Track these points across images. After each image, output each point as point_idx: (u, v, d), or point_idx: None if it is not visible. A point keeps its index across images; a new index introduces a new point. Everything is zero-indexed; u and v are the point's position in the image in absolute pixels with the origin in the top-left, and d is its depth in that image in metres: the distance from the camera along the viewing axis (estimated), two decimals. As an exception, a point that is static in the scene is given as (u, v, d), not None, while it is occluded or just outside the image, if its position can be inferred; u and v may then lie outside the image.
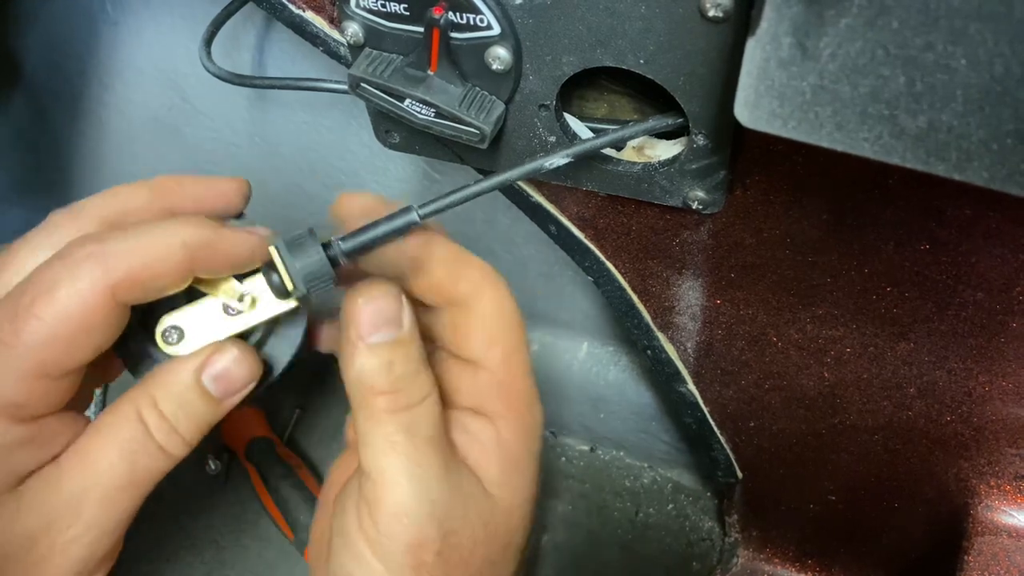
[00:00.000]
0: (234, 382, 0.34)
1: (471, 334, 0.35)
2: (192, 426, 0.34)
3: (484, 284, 0.35)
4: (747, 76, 0.25)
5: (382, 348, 0.33)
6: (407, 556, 0.32)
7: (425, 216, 0.33)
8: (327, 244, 0.33)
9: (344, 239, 0.33)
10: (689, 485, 0.71)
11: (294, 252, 0.32)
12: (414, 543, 0.32)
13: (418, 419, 0.33)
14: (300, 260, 0.32)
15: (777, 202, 0.38)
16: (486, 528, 0.35)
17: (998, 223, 0.34)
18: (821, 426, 0.48)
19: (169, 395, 0.33)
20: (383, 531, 0.33)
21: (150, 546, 0.68)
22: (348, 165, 0.63)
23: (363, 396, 0.33)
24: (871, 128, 0.24)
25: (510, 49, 0.34)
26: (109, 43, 0.64)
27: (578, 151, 0.35)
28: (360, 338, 0.32)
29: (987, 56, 0.21)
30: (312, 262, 0.32)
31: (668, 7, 0.30)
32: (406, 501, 0.32)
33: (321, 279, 0.33)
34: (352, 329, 0.33)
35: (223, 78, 0.47)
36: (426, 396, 0.34)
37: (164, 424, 0.33)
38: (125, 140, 0.71)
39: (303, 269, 0.32)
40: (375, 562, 0.33)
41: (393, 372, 0.33)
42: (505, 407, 0.36)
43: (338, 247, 0.33)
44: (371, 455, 0.33)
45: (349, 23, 0.36)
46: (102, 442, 0.33)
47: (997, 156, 0.23)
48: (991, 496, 0.46)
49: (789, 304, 0.42)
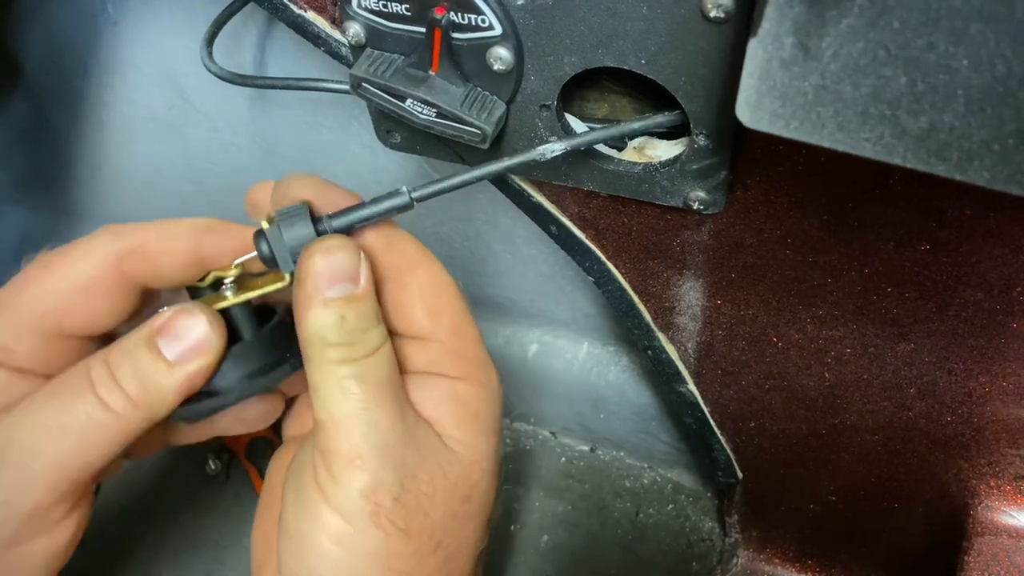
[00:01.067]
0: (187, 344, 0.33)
1: (414, 308, 0.36)
2: (136, 384, 0.33)
3: (418, 257, 0.36)
4: (749, 76, 0.25)
5: (337, 303, 0.33)
6: (363, 501, 0.32)
7: (417, 199, 0.34)
8: (318, 219, 0.33)
9: (334, 216, 0.34)
10: (689, 485, 0.71)
11: (285, 225, 0.33)
12: (369, 487, 0.32)
13: (370, 367, 0.33)
14: (290, 232, 0.33)
15: (778, 202, 0.38)
16: (446, 477, 0.34)
17: (999, 223, 0.34)
18: (821, 426, 0.48)
19: (120, 351, 0.33)
20: (337, 478, 0.32)
21: (150, 546, 0.68)
22: (349, 165, 0.63)
23: (317, 349, 0.33)
24: (872, 128, 0.24)
25: (511, 49, 0.34)
26: (110, 43, 0.64)
27: (576, 143, 0.35)
28: (317, 291, 0.32)
29: (988, 57, 0.21)
30: (301, 235, 0.33)
31: (669, 8, 0.30)
32: (359, 443, 0.32)
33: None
34: (309, 283, 0.32)
35: (224, 78, 0.47)
36: (378, 347, 0.33)
37: (107, 377, 0.33)
38: (125, 139, 0.71)
39: (291, 240, 0.33)
40: (331, 515, 0.32)
41: (346, 326, 0.32)
42: (461, 371, 0.36)
43: (328, 224, 0.33)
44: (323, 403, 0.33)
45: (350, 23, 0.36)
46: (47, 389, 0.33)
47: (998, 156, 0.23)
48: (991, 496, 0.46)
49: (790, 304, 0.43)
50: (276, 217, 0.33)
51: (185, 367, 0.33)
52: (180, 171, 0.71)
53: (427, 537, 0.33)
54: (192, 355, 0.33)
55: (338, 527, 0.32)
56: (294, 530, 0.33)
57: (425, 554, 0.33)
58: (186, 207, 0.73)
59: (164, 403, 0.33)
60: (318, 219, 0.33)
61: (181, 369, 0.33)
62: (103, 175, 0.75)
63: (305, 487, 0.33)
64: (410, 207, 0.34)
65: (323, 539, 0.32)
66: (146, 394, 0.33)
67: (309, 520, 0.32)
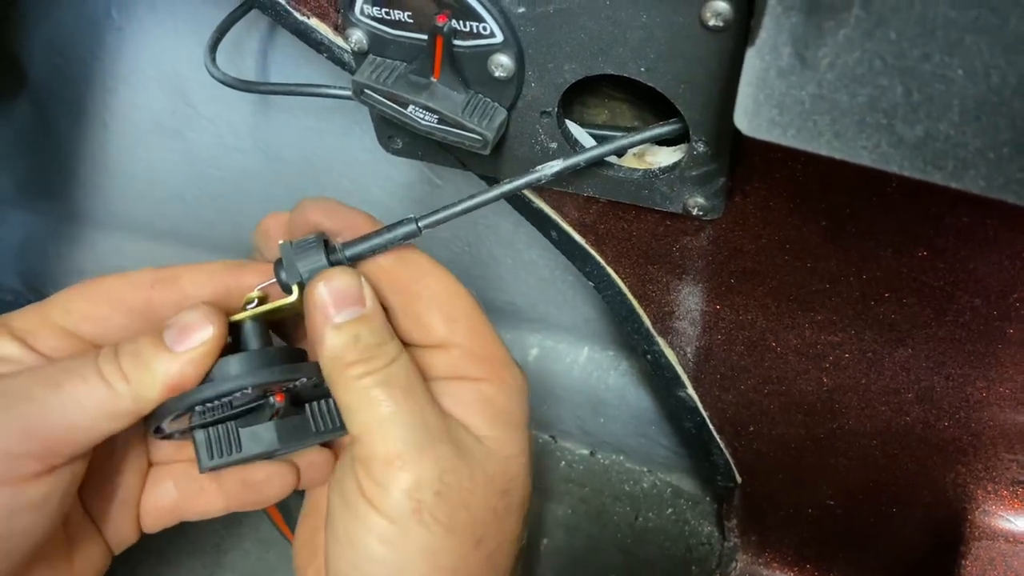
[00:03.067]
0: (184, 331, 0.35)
1: (430, 316, 0.37)
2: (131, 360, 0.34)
3: (427, 267, 0.37)
4: (747, 85, 0.25)
5: (348, 325, 0.34)
6: (406, 500, 0.33)
7: (425, 227, 0.36)
8: (332, 249, 0.36)
9: (347, 245, 0.36)
10: (688, 489, 0.71)
11: (299, 253, 0.35)
12: (411, 485, 0.33)
13: (391, 374, 0.34)
14: (304, 261, 0.35)
15: (776, 209, 0.38)
16: (484, 472, 0.35)
17: (995, 230, 0.35)
18: (820, 431, 0.48)
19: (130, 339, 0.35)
20: (380, 481, 0.33)
21: (151, 549, 0.68)
22: (351, 170, 0.63)
23: (338, 370, 0.34)
24: (869, 137, 0.24)
25: (513, 56, 0.34)
26: (114, 48, 0.64)
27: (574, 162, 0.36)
28: (327, 318, 0.34)
29: (983, 67, 0.22)
30: (315, 263, 0.35)
31: (669, 16, 0.31)
32: (396, 445, 0.33)
33: None
34: (318, 313, 0.34)
35: (227, 83, 0.48)
36: (396, 357, 0.35)
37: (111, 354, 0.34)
38: (129, 144, 0.71)
39: (306, 267, 0.35)
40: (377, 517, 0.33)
41: (361, 343, 0.34)
42: (483, 372, 0.37)
43: (342, 252, 0.36)
44: (355, 417, 0.34)
45: (353, 30, 0.36)
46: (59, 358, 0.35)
47: (994, 165, 0.23)
48: (988, 501, 0.46)
49: (788, 310, 0.43)
50: (293, 247, 0.36)
51: (178, 351, 0.34)
52: (183, 176, 0.71)
53: (469, 533, 0.34)
54: (186, 339, 0.35)
55: (384, 528, 0.33)
56: (343, 535, 0.34)
57: (468, 550, 0.34)
58: (189, 212, 0.74)
59: (154, 384, 0.34)
60: (332, 249, 0.36)
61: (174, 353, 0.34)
62: (106, 179, 0.75)
63: (349, 493, 0.34)
64: (417, 235, 0.36)
65: (371, 541, 0.33)
66: (137, 370, 0.34)
67: (356, 524, 0.34)
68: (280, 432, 0.38)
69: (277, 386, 0.36)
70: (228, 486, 0.41)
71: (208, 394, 0.35)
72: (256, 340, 0.37)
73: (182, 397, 0.35)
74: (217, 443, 0.38)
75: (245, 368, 0.36)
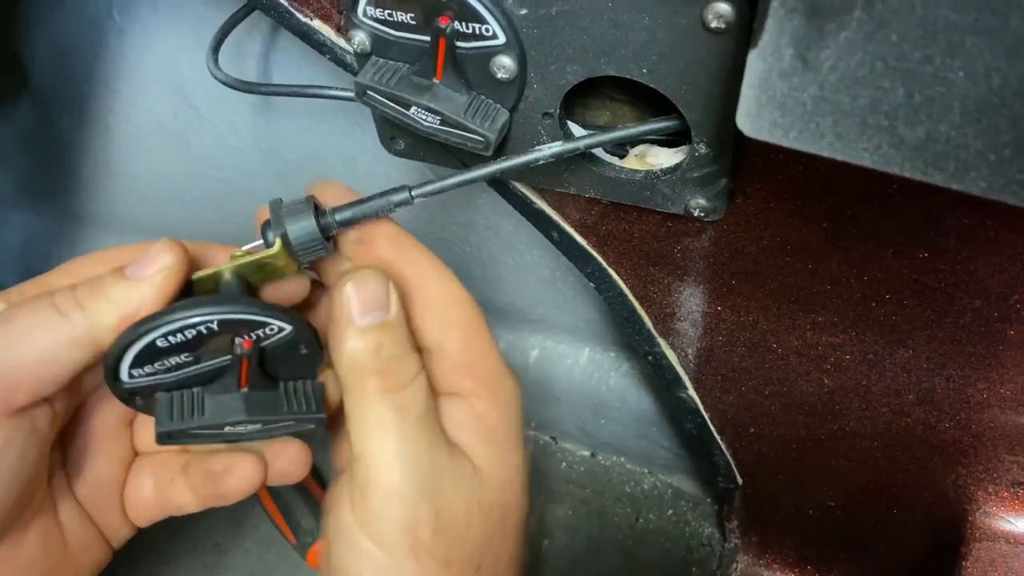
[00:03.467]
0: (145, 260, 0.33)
1: (425, 319, 0.36)
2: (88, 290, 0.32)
3: (430, 268, 0.36)
4: (749, 87, 0.25)
5: (371, 331, 0.33)
6: (403, 536, 0.32)
7: (418, 195, 0.35)
8: (322, 212, 0.35)
9: (338, 209, 0.35)
10: (689, 491, 0.71)
11: (287, 211, 0.35)
12: (409, 522, 0.32)
13: (408, 399, 0.33)
14: (291, 218, 0.34)
15: (778, 210, 0.38)
16: (480, 504, 0.35)
17: (996, 232, 0.35)
18: (820, 432, 0.49)
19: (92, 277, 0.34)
20: (376, 512, 0.32)
21: (151, 549, 0.68)
22: (353, 171, 0.63)
23: (354, 378, 0.33)
24: (871, 138, 0.24)
25: (515, 58, 0.34)
26: (116, 50, 0.64)
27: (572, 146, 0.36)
28: (351, 321, 0.33)
29: (984, 69, 0.22)
30: (304, 225, 0.34)
31: (671, 18, 0.31)
32: (398, 480, 0.32)
33: (311, 241, 0.35)
34: (342, 313, 0.33)
35: (229, 85, 0.48)
36: (415, 376, 0.34)
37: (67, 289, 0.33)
38: (131, 145, 0.71)
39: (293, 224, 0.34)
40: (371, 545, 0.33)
41: (382, 353, 0.33)
42: (475, 384, 0.36)
43: (331, 216, 0.35)
44: (362, 437, 0.33)
45: (356, 32, 0.36)
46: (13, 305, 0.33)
47: (994, 166, 0.23)
48: (989, 502, 0.46)
49: (789, 311, 0.43)
50: (282, 208, 0.34)
51: (138, 279, 0.32)
52: (185, 177, 0.71)
53: (467, 562, 0.34)
54: (145, 268, 0.33)
55: (379, 560, 0.32)
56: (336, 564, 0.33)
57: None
58: (191, 213, 0.74)
59: (109, 310, 0.32)
60: (321, 212, 0.35)
61: (132, 280, 0.33)
62: (108, 180, 0.76)
63: (344, 520, 0.33)
64: (409, 203, 0.35)
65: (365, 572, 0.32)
66: (93, 296, 0.32)
67: (350, 552, 0.33)
68: (248, 403, 0.35)
69: (246, 330, 0.34)
70: (193, 477, 0.39)
71: (164, 319, 0.32)
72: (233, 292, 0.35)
73: (137, 325, 0.32)
74: (179, 406, 0.35)
75: (210, 303, 0.33)
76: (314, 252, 0.35)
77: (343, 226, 0.35)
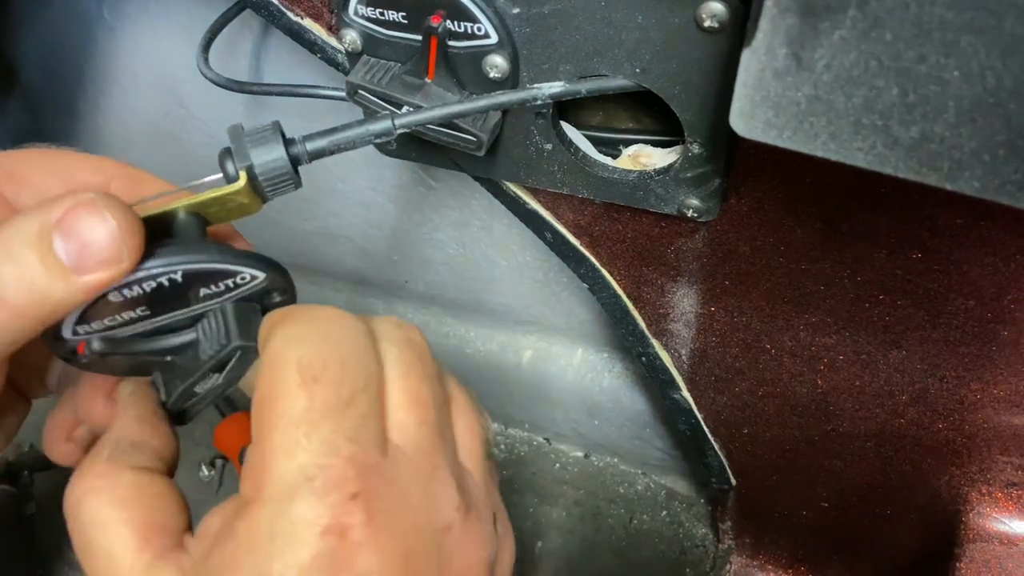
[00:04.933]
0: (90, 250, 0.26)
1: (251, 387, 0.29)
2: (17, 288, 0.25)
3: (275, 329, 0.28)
4: (742, 86, 0.25)
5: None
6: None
7: (401, 126, 0.31)
8: (291, 141, 0.30)
9: (309, 137, 0.31)
10: (683, 492, 0.71)
11: (255, 144, 0.30)
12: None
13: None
14: (257, 148, 0.30)
15: (771, 210, 0.38)
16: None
17: (989, 232, 0.35)
18: (814, 433, 0.49)
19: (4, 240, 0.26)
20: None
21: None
22: (344, 172, 0.63)
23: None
24: (865, 138, 0.24)
25: (507, 57, 0.34)
26: (106, 49, 0.64)
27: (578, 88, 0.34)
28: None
29: (979, 68, 0.22)
30: (273, 155, 0.30)
31: (665, 17, 0.31)
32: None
33: (281, 174, 0.30)
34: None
35: (220, 84, 0.47)
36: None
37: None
38: (122, 145, 0.71)
39: (259, 155, 0.30)
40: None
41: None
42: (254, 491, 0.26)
43: (302, 145, 0.31)
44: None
45: (347, 30, 0.36)
46: None
47: (988, 166, 0.23)
48: (982, 503, 0.46)
49: (783, 312, 0.43)
50: (245, 137, 0.30)
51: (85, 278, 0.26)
52: (177, 177, 0.71)
53: None
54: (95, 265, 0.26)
55: None
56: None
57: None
58: (181, 212, 0.73)
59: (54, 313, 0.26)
60: (291, 141, 0.30)
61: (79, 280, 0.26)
62: (98, 180, 0.75)
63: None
64: (392, 133, 0.31)
65: None
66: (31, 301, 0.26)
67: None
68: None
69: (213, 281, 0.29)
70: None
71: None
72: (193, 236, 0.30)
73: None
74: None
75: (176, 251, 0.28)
76: (283, 186, 0.31)
77: (315, 158, 0.31)
